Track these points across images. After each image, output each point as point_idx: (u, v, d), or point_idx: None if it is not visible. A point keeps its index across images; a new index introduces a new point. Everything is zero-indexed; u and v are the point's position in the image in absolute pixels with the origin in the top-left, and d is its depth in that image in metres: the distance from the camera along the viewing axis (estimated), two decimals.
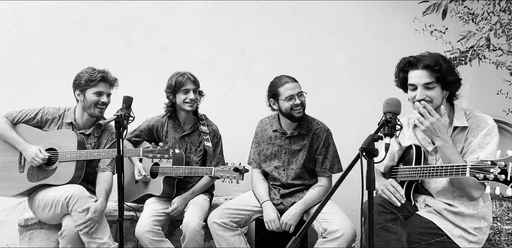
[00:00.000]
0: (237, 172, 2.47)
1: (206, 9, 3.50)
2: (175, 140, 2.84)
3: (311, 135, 2.60)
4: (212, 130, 2.86)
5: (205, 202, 2.74)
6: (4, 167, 2.66)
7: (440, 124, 1.94)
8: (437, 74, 1.99)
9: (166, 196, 2.75)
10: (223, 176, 2.50)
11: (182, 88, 2.70)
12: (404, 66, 2.09)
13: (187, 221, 2.52)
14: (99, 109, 2.65)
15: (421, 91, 2.01)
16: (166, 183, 2.72)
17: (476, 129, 2.03)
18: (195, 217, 2.52)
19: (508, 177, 1.64)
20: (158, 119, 2.91)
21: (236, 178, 2.47)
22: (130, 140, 2.92)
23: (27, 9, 3.39)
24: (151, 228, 2.49)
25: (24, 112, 2.69)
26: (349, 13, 3.56)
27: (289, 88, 2.49)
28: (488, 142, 1.98)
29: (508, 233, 2.70)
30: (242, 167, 2.49)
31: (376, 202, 2.02)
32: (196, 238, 2.48)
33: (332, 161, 2.60)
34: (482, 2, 2.65)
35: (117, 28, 3.46)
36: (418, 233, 2.07)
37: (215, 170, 2.53)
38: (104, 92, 2.65)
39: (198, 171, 2.61)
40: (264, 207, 2.54)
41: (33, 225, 2.72)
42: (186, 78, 2.72)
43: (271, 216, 2.49)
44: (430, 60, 2.01)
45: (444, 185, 2.11)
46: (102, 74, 2.61)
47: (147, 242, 2.48)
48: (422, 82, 2.00)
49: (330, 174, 2.60)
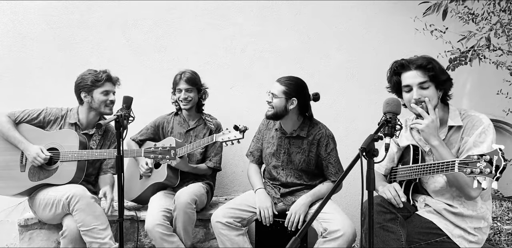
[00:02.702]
0: (237, 131, 2.49)
1: (206, 9, 3.50)
2: (180, 135, 2.93)
3: (311, 139, 2.58)
4: (216, 123, 2.98)
5: (201, 187, 2.77)
6: (6, 166, 2.67)
7: (437, 124, 1.98)
8: (430, 73, 2.01)
9: (169, 183, 2.77)
10: (223, 139, 2.53)
11: (176, 87, 2.88)
12: (396, 69, 2.11)
13: (180, 193, 2.59)
14: (109, 107, 2.72)
15: (416, 91, 2.02)
16: (170, 169, 2.75)
17: (471, 128, 2.03)
18: (189, 192, 2.60)
19: (492, 170, 1.65)
20: (164, 117, 3.04)
21: (236, 137, 2.50)
22: (136, 141, 2.98)
23: (27, 9, 3.40)
24: (161, 222, 2.51)
25: (27, 112, 2.71)
26: (349, 13, 3.56)
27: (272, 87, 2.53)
28: (483, 140, 1.98)
29: (508, 233, 2.70)
30: (241, 125, 2.50)
31: (376, 202, 2.02)
32: (187, 210, 2.53)
33: (337, 166, 2.59)
34: (482, 2, 2.65)
35: (117, 28, 3.46)
36: (417, 233, 2.08)
37: (216, 136, 2.57)
38: (110, 91, 2.73)
39: (202, 142, 2.64)
40: (258, 194, 2.54)
41: (33, 225, 2.72)
42: (180, 78, 2.87)
43: (266, 203, 2.49)
44: (422, 60, 2.04)
45: (442, 185, 2.11)
46: (106, 74, 2.71)
47: (157, 236, 2.49)
48: (417, 81, 2.02)
49: (336, 179, 2.58)
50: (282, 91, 2.46)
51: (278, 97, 2.46)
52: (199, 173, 2.87)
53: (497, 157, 1.66)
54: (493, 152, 1.68)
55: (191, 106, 2.91)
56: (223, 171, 3.43)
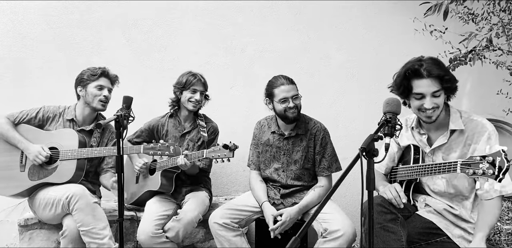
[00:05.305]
0: (227, 150, 2.44)
1: (206, 9, 3.50)
2: (175, 139, 2.87)
3: (309, 135, 2.59)
4: (212, 126, 2.91)
5: (206, 198, 2.77)
6: (5, 166, 2.67)
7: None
8: (446, 84, 1.97)
9: (164, 191, 2.76)
10: (214, 156, 2.48)
11: (191, 87, 2.78)
12: (409, 75, 1.99)
13: (187, 210, 2.57)
14: (101, 102, 2.71)
15: (430, 99, 1.97)
16: (164, 177, 2.74)
17: (477, 134, 2.01)
18: (195, 210, 2.58)
19: (495, 171, 1.65)
20: (158, 120, 2.96)
21: (226, 156, 2.46)
22: (131, 141, 2.94)
23: (27, 9, 3.39)
24: (153, 233, 2.49)
25: (25, 112, 2.72)
26: (349, 13, 3.56)
27: (284, 90, 2.49)
28: (491, 146, 1.97)
29: (508, 233, 2.70)
30: (232, 144, 2.45)
31: (376, 202, 2.02)
32: (188, 227, 2.53)
33: (330, 160, 2.59)
34: (482, 2, 2.65)
35: (117, 28, 3.46)
36: (418, 233, 2.08)
37: (207, 151, 2.52)
38: (105, 86, 2.72)
39: (192, 156, 2.60)
40: (264, 208, 2.54)
41: (33, 225, 2.72)
42: (197, 79, 2.80)
43: (269, 216, 2.48)
44: (438, 69, 1.96)
45: (441, 188, 2.11)
46: (102, 69, 2.73)
47: (150, 246, 2.49)
48: (431, 90, 1.96)
49: (328, 173, 2.59)
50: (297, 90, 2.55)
51: (299, 96, 2.55)
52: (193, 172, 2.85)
53: (500, 158, 1.66)
54: (496, 153, 1.68)
55: (198, 109, 2.88)
56: (223, 171, 3.43)
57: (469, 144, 2.03)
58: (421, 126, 2.19)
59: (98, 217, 2.46)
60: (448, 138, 2.07)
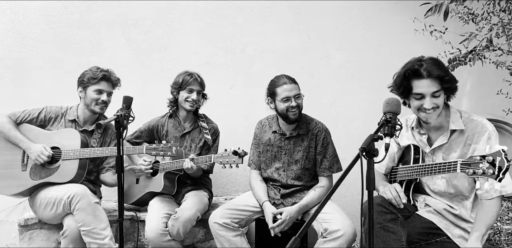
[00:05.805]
0: (236, 156, 2.45)
1: (206, 9, 3.50)
2: (175, 139, 2.87)
3: (310, 135, 2.60)
4: (212, 127, 2.91)
5: (205, 197, 2.77)
6: (7, 165, 2.67)
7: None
8: (446, 85, 1.97)
9: (167, 192, 2.76)
10: (222, 162, 2.49)
11: (188, 87, 2.78)
12: (408, 75, 1.99)
13: (184, 208, 2.57)
14: (99, 106, 2.70)
15: (430, 100, 1.97)
16: (167, 179, 2.74)
17: (477, 134, 2.01)
18: (193, 208, 2.57)
19: (495, 171, 1.65)
20: (158, 120, 2.95)
21: (235, 162, 2.46)
22: (130, 141, 2.94)
23: (27, 9, 3.40)
24: (162, 230, 2.51)
25: (27, 112, 2.72)
26: (349, 13, 3.56)
27: (286, 89, 2.49)
28: (491, 146, 1.97)
29: (508, 233, 2.70)
30: (241, 150, 2.47)
31: (376, 202, 2.02)
32: (187, 224, 2.53)
33: (331, 161, 2.59)
34: (482, 2, 2.65)
35: (117, 28, 3.46)
36: (418, 233, 2.08)
37: (215, 156, 2.53)
38: (104, 91, 2.70)
39: (199, 160, 2.60)
40: (264, 208, 2.54)
41: (33, 225, 2.72)
42: (193, 78, 2.79)
43: (269, 216, 2.48)
44: (438, 70, 1.96)
45: (441, 188, 2.11)
46: (104, 73, 2.68)
47: (158, 245, 2.50)
48: (431, 91, 1.96)
49: (329, 173, 2.60)
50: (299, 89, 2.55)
51: (302, 96, 2.55)
52: (197, 175, 2.84)
53: (500, 158, 1.66)
54: (496, 153, 1.68)
55: (197, 108, 2.87)
56: (223, 171, 3.43)
57: (469, 144, 2.03)
58: (421, 126, 2.20)
59: (99, 217, 2.47)
60: (448, 138, 2.08)
